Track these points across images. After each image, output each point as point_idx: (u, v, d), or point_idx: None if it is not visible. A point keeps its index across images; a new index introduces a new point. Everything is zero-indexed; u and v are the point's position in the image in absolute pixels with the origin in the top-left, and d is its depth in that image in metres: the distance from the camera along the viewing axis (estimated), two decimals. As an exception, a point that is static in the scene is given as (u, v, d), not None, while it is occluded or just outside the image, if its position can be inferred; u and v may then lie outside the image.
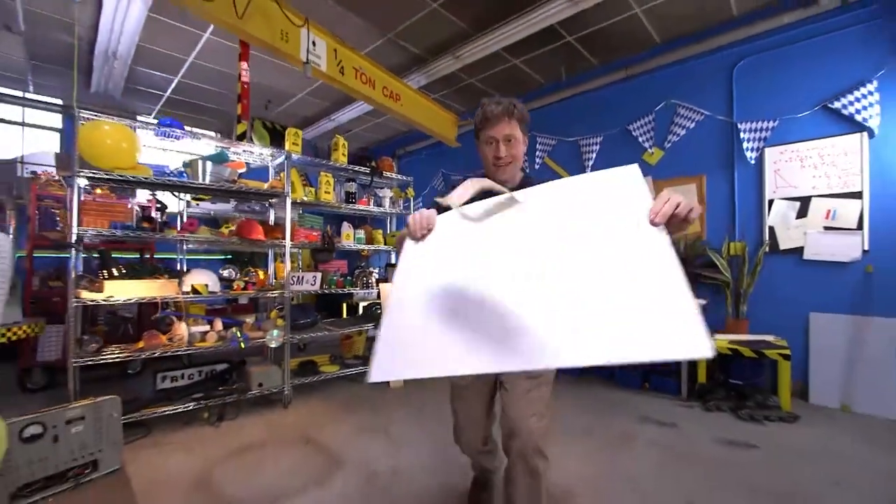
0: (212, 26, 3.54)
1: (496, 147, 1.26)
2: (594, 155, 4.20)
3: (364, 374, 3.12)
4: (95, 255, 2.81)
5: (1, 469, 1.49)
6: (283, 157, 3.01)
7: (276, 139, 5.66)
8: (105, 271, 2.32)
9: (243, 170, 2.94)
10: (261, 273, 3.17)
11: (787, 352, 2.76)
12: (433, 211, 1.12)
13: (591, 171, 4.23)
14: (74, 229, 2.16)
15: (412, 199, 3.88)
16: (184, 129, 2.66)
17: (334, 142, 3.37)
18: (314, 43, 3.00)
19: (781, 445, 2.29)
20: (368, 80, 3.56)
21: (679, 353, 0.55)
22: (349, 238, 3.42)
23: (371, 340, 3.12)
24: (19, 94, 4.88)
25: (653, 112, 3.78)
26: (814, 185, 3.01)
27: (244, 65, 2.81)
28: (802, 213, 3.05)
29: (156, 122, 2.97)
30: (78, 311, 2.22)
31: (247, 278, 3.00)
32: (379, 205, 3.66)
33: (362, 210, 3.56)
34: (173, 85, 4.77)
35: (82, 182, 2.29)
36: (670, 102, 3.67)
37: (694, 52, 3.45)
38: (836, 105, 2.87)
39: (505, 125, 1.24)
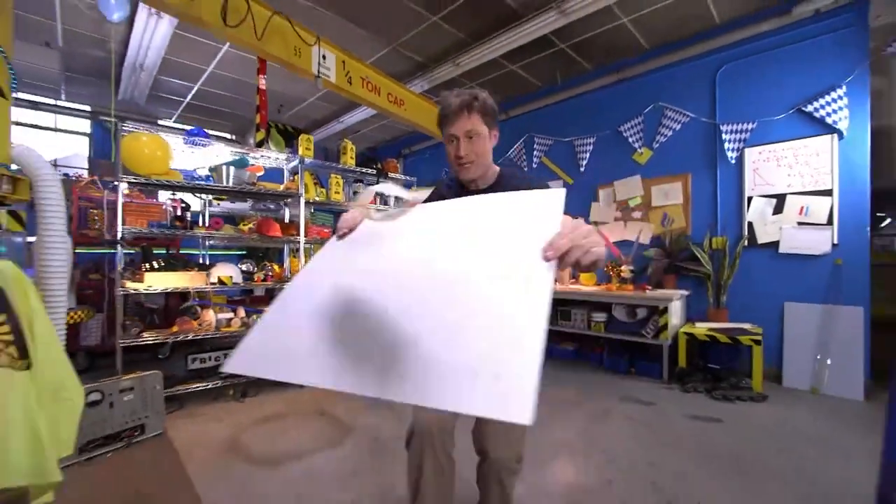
0: (230, 40, 3.84)
1: (457, 145, 1.15)
2: (588, 155, 4.42)
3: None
4: (136, 251, 3.15)
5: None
6: (297, 160, 3.31)
7: (289, 140, 5.98)
8: (146, 264, 2.64)
9: (261, 173, 3.24)
10: (276, 267, 3.48)
11: (759, 338, 3.00)
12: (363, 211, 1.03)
13: (585, 170, 4.46)
14: (120, 228, 2.48)
15: (415, 197, 4.15)
16: (209, 138, 2.97)
17: (343, 146, 3.66)
18: (324, 56, 3.29)
19: (744, 420, 2.54)
20: (374, 87, 3.83)
21: (501, 413, 0.52)
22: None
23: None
24: (52, 101, 5.26)
25: (642, 114, 3.99)
26: (789, 184, 3.22)
27: (262, 78, 3.10)
28: (778, 210, 3.26)
29: (186, 127, 3.30)
30: (122, 300, 2.55)
31: (265, 271, 3.31)
32: (385, 203, 3.95)
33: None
34: (193, 92, 5.10)
35: (124, 186, 2.61)
36: (658, 105, 3.89)
37: (680, 57, 3.66)
38: (809, 108, 3.08)
39: (465, 120, 1.12)
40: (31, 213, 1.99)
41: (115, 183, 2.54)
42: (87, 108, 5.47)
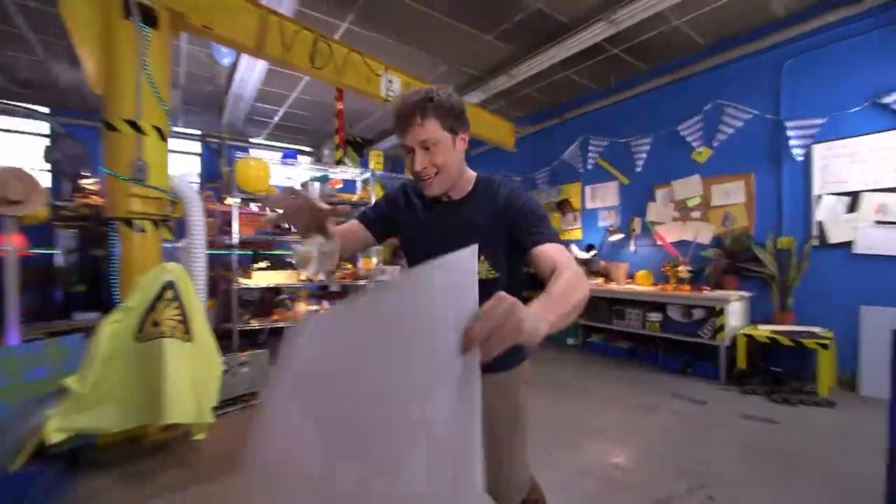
0: (312, 70, 4.45)
1: (412, 158, 0.95)
2: (644, 155, 4.43)
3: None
4: (250, 252, 3.82)
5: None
6: (369, 174, 3.79)
7: (359, 150, 6.60)
8: (256, 264, 3.26)
9: (340, 186, 3.77)
10: (350, 266, 4.01)
11: (826, 342, 2.90)
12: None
13: (641, 170, 4.47)
14: (235, 235, 3.11)
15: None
16: (297, 159, 3.54)
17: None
18: (391, 81, 3.73)
19: (803, 423, 2.52)
20: (434, 103, 4.21)
21: None
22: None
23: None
24: (172, 128, 6.36)
25: (701, 112, 3.94)
26: (864, 181, 3.05)
27: (340, 104, 3.62)
28: (852, 208, 3.10)
29: (275, 144, 3.92)
30: (236, 293, 3.17)
31: (342, 270, 3.85)
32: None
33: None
34: (280, 114, 5.87)
35: (238, 201, 3.24)
36: (717, 103, 3.82)
37: (739, 53, 3.58)
38: (887, 100, 2.90)
39: (418, 128, 0.92)
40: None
41: (228, 197, 3.18)
42: (198, 132, 6.52)
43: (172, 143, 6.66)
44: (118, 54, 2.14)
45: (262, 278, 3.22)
